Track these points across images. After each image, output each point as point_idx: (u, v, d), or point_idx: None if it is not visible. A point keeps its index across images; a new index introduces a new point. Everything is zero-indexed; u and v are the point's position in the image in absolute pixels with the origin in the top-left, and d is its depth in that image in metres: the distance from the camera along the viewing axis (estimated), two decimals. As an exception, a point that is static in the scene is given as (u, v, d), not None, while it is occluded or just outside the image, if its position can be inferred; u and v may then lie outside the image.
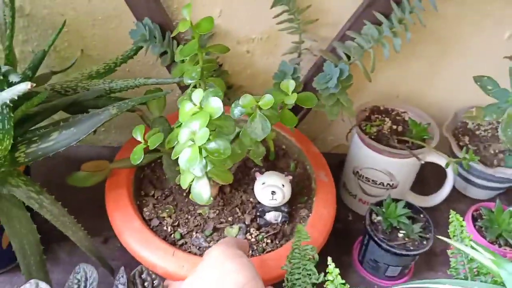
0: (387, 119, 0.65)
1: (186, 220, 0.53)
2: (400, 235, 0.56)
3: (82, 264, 0.45)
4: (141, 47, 0.62)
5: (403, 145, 0.61)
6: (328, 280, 0.40)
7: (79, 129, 0.42)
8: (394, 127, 0.64)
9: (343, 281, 0.39)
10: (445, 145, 0.69)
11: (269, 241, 0.52)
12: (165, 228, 0.52)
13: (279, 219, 0.53)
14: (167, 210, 0.54)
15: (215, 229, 0.53)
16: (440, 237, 0.43)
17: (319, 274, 0.43)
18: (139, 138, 0.45)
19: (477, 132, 0.70)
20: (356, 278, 0.62)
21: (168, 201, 0.56)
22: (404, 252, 0.54)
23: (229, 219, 0.54)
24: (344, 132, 0.65)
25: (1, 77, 0.37)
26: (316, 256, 0.45)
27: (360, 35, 0.59)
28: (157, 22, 0.61)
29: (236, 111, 0.43)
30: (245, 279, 0.36)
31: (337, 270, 0.40)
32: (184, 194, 0.56)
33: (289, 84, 0.45)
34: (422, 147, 0.60)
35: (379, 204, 0.59)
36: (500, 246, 0.57)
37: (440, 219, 0.68)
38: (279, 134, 0.65)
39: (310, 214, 0.54)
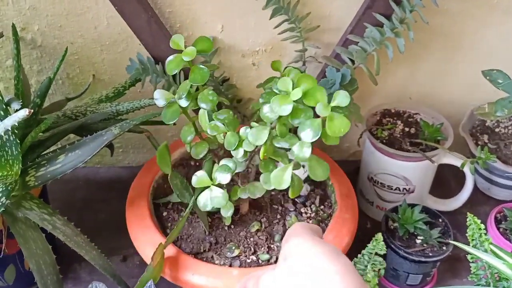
0: (398, 121, 0.64)
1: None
2: (418, 241, 0.54)
3: (94, 282, 0.46)
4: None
5: (416, 147, 0.59)
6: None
7: (84, 150, 0.44)
8: (407, 129, 0.62)
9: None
10: (463, 145, 0.67)
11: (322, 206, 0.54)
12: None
13: (308, 188, 0.55)
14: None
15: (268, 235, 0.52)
16: (454, 243, 0.42)
17: None
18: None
19: (497, 130, 0.67)
20: (377, 288, 0.60)
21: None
22: (422, 259, 0.52)
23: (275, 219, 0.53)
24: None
25: (4, 106, 0.39)
26: (382, 272, 0.44)
27: (362, 38, 0.59)
28: (159, 46, 0.62)
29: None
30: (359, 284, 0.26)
31: (376, 280, 0.39)
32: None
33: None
34: (437, 148, 0.58)
35: (395, 210, 0.57)
36: (526, 248, 0.54)
37: (463, 222, 0.65)
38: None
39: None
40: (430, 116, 0.64)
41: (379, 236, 0.46)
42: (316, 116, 0.37)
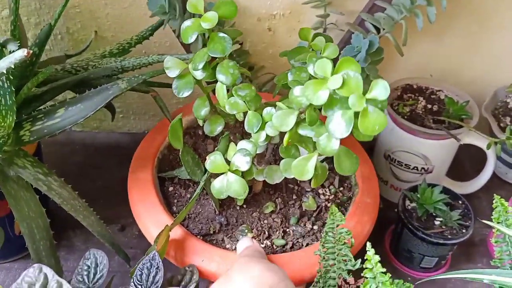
0: (421, 98, 0.60)
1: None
2: (437, 222, 0.51)
3: (92, 250, 0.42)
4: (159, 27, 0.58)
5: (440, 125, 0.55)
6: (366, 268, 0.35)
7: (86, 105, 0.39)
8: (429, 106, 0.59)
9: (384, 270, 0.35)
10: (484, 126, 0.63)
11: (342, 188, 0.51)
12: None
13: (326, 166, 0.51)
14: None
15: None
16: (486, 221, 0.38)
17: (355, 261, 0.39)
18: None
19: (520, 112, 0.64)
20: (388, 270, 0.57)
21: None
22: (441, 241, 0.49)
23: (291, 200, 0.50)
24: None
25: (0, 48, 0.34)
26: (352, 240, 0.40)
27: (390, 5, 0.54)
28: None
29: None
30: (274, 279, 0.34)
31: (377, 257, 0.35)
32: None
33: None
34: (460, 127, 0.55)
35: (413, 189, 0.54)
36: (550, 235, 0.51)
37: (478, 207, 0.62)
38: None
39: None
40: (454, 93, 0.60)
41: (334, 208, 0.41)
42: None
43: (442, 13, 0.53)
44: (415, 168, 0.58)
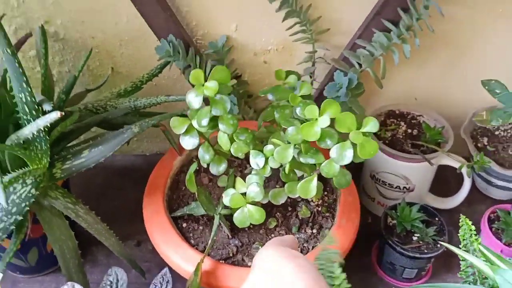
0: (402, 123, 0.66)
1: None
2: (415, 238, 0.58)
3: (114, 268, 0.50)
4: (166, 65, 0.66)
5: (417, 149, 0.62)
6: (334, 284, 0.42)
7: (106, 147, 0.47)
8: (409, 131, 0.65)
9: (349, 286, 0.42)
10: (464, 146, 0.69)
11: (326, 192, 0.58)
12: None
13: None
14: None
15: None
16: (443, 243, 0.45)
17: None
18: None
19: (496, 133, 0.69)
20: (375, 279, 0.64)
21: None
22: (418, 255, 0.56)
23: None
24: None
25: (37, 107, 0.42)
26: (342, 261, 0.47)
27: (369, 43, 0.61)
28: (177, 37, 0.65)
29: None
30: (305, 284, 0.30)
31: (343, 275, 0.42)
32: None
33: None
34: (437, 150, 0.61)
35: (394, 208, 0.60)
36: (516, 248, 0.57)
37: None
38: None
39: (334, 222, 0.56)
40: (432, 118, 0.67)
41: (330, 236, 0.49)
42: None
43: (422, 45, 0.60)
44: (398, 187, 0.64)
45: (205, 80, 0.64)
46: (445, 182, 0.74)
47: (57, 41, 0.70)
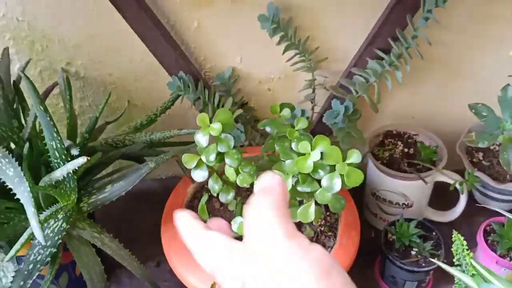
0: (399, 142, 0.71)
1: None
2: (413, 252, 0.62)
3: (136, 290, 0.56)
4: (177, 98, 0.72)
5: (413, 168, 0.66)
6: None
7: (126, 181, 0.53)
8: (406, 150, 0.69)
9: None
10: (460, 161, 0.73)
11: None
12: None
13: None
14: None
15: None
16: (434, 260, 0.49)
17: None
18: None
19: (491, 147, 0.73)
20: (378, 291, 0.69)
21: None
22: (416, 269, 0.60)
23: None
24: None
25: (65, 152, 0.48)
26: None
27: (364, 71, 0.66)
28: (186, 72, 0.71)
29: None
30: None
31: None
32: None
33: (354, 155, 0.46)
34: (432, 168, 0.65)
35: (393, 224, 0.64)
36: (511, 259, 0.61)
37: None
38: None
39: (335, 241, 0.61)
40: (428, 137, 0.71)
41: None
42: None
43: (415, 68, 0.64)
44: (397, 203, 0.68)
45: (214, 111, 0.70)
46: (445, 195, 0.78)
47: (78, 79, 0.76)
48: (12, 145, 0.54)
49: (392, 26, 0.63)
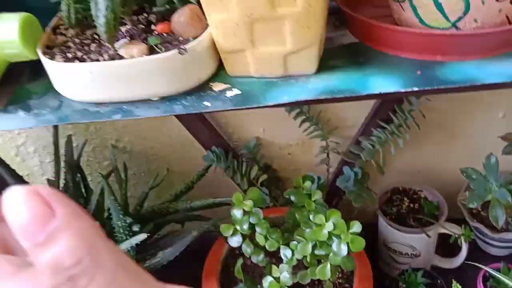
0: (405, 198, 0.80)
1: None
2: (422, 299, 0.71)
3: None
4: (210, 166, 0.84)
5: (418, 221, 0.75)
6: None
7: (174, 248, 0.65)
8: (412, 205, 0.79)
9: None
10: (461, 213, 0.82)
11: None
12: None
13: None
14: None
15: None
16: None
17: None
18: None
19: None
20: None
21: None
22: (425, 314, 0.68)
23: None
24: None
25: (128, 228, 0.60)
26: None
27: (370, 138, 0.77)
28: (217, 145, 0.83)
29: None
30: None
31: None
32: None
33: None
34: (435, 221, 0.74)
35: (403, 273, 0.73)
36: (510, 302, 0.68)
37: (464, 276, 0.80)
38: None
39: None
40: (431, 192, 0.80)
41: None
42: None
43: (417, 130, 0.74)
44: (406, 254, 0.77)
45: (242, 177, 0.81)
46: (450, 242, 0.87)
47: (124, 153, 0.90)
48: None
49: (391, 102, 0.74)
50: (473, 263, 0.81)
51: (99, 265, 0.17)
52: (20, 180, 0.72)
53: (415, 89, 0.37)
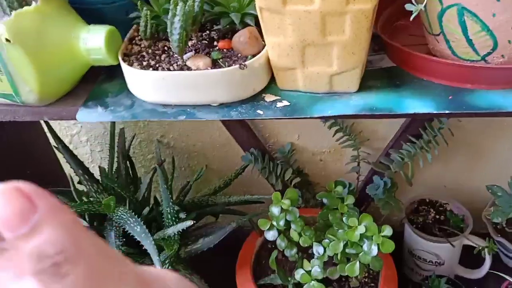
0: (431, 209, 0.85)
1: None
2: (443, 305, 0.75)
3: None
4: (247, 166, 0.91)
5: (444, 232, 0.79)
6: None
7: (215, 237, 0.71)
8: (437, 216, 0.83)
9: None
10: (485, 227, 0.85)
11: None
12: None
13: None
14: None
15: None
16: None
17: None
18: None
19: (513, 216, 0.85)
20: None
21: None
22: (444, 319, 0.73)
23: None
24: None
25: (176, 215, 0.67)
26: None
27: (399, 151, 0.81)
28: (255, 147, 0.90)
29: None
30: None
31: None
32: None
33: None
34: (460, 233, 0.78)
35: (427, 279, 0.78)
36: (527, 316, 0.72)
37: (488, 286, 0.84)
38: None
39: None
40: (456, 206, 0.84)
41: None
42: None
43: (445, 146, 0.79)
44: (430, 261, 0.81)
45: (277, 178, 0.87)
46: (474, 254, 0.90)
47: (168, 148, 0.97)
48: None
49: (421, 120, 0.78)
50: (497, 272, 0.85)
51: (81, 253, 0.17)
52: (78, 162, 0.79)
53: (447, 111, 0.42)
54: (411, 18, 0.40)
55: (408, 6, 0.39)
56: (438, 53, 0.46)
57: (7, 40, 0.44)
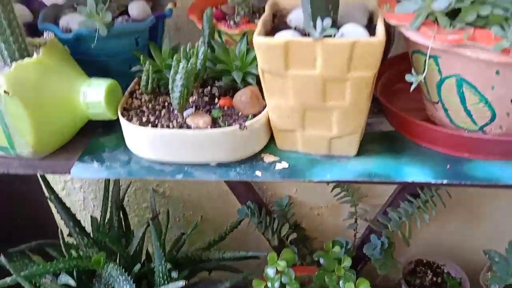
0: (429, 271, 0.82)
1: None
2: None
3: None
4: (242, 220, 0.89)
5: (441, 296, 0.77)
6: None
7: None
8: (434, 278, 0.81)
9: None
10: None
11: None
12: None
13: None
14: None
15: None
16: None
17: None
18: None
19: None
20: None
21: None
22: None
23: None
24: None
25: (168, 273, 0.65)
26: None
27: (397, 210, 0.80)
28: (252, 200, 0.88)
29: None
30: None
31: None
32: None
33: None
34: (459, 297, 0.76)
35: None
36: None
37: None
38: None
39: None
40: (453, 268, 0.82)
41: None
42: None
43: (442, 208, 0.78)
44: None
45: (273, 233, 0.86)
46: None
47: (163, 197, 0.96)
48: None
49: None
50: None
51: None
52: (70, 213, 0.78)
53: (445, 181, 0.42)
54: (412, 89, 0.40)
55: (408, 77, 0.40)
56: (437, 120, 0.46)
57: (5, 92, 0.44)
